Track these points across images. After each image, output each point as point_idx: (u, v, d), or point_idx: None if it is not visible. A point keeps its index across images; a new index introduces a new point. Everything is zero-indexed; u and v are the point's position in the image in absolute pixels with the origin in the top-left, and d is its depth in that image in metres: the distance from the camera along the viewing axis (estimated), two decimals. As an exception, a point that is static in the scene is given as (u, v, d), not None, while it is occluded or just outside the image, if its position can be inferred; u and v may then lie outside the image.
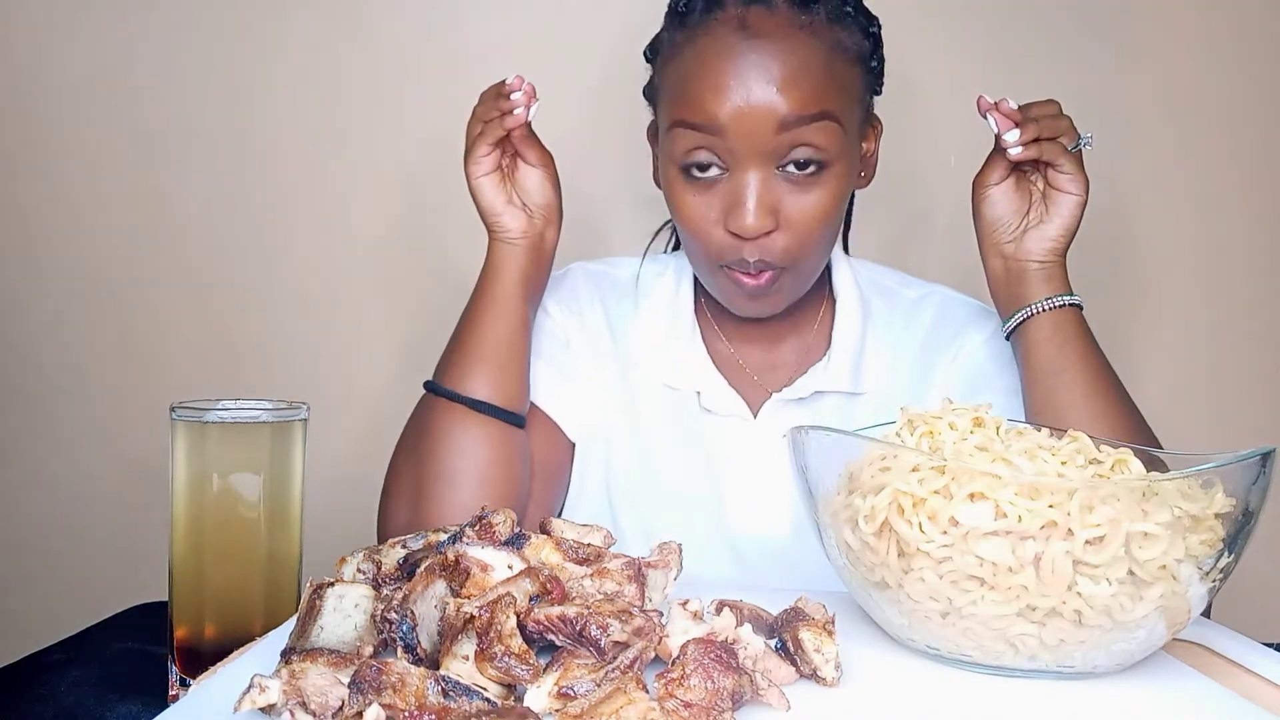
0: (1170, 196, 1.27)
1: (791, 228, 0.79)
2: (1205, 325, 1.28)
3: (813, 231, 0.80)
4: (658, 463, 0.90)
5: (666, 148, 0.82)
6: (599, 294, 0.94)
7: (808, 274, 0.84)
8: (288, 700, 0.44)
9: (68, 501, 1.28)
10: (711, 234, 0.80)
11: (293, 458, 0.67)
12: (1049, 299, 0.79)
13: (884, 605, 0.57)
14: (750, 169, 0.78)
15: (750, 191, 0.78)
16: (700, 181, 0.80)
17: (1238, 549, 0.54)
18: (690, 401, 0.90)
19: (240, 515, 0.64)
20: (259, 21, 1.26)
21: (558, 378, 0.90)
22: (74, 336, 1.27)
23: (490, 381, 0.82)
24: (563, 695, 0.44)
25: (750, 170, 0.78)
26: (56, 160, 1.27)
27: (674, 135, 0.81)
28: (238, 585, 0.65)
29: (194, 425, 0.64)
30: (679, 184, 0.82)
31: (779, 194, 0.79)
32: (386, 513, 0.85)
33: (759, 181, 0.78)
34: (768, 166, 0.78)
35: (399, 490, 0.84)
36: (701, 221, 0.81)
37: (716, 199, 0.80)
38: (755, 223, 0.77)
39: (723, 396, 0.89)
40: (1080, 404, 0.77)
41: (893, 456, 0.55)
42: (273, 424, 0.66)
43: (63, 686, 0.65)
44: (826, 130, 0.78)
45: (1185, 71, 1.26)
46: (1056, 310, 0.79)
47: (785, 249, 0.79)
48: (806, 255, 0.81)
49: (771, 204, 0.78)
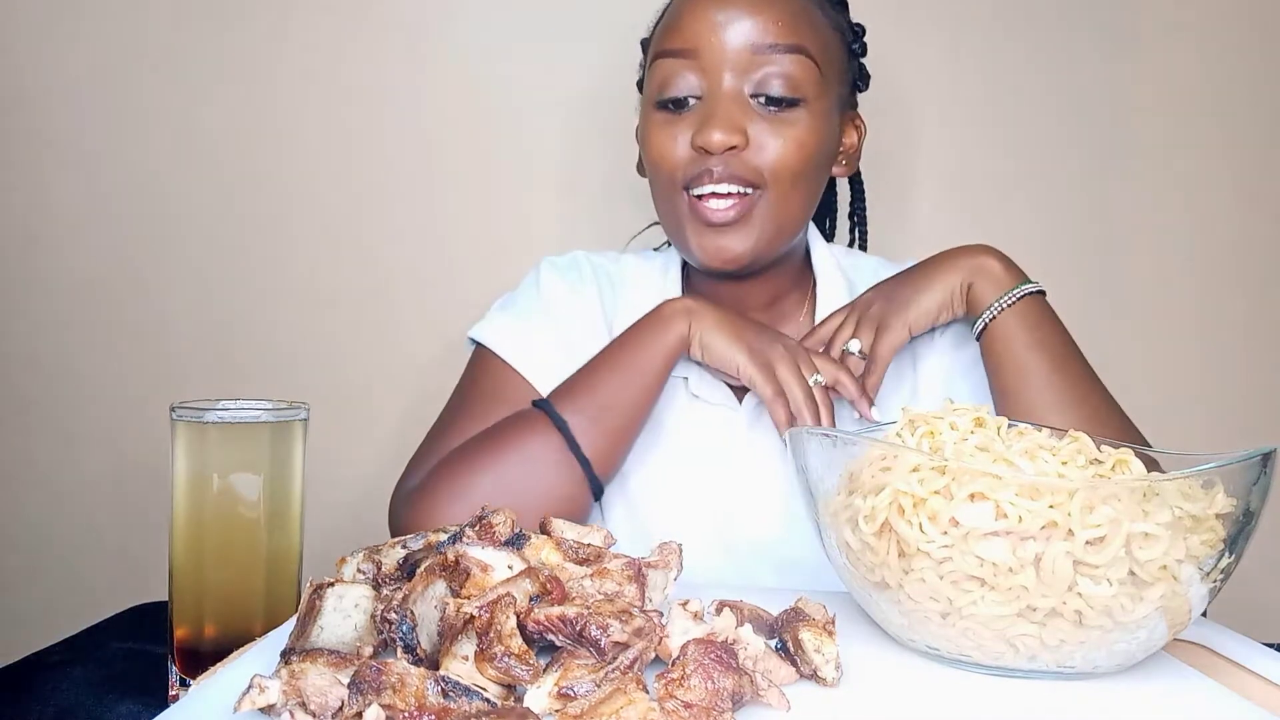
0: (1165, 196, 1.27)
1: (761, 152, 0.79)
2: (1200, 326, 1.28)
3: (785, 161, 0.80)
4: (642, 445, 0.88)
5: (648, 87, 0.84)
6: (596, 280, 0.94)
7: (781, 211, 0.82)
8: (287, 700, 0.44)
9: (68, 501, 1.28)
10: (680, 155, 0.81)
11: (293, 458, 0.67)
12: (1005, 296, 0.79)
13: (884, 605, 0.57)
14: (724, 87, 0.79)
15: (720, 105, 0.79)
16: (674, 114, 0.82)
17: (1238, 549, 0.54)
18: (678, 387, 0.89)
19: (240, 515, 0.64)
20: (261, 21, 1.26)
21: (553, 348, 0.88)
22: (74, 336, 1.27)
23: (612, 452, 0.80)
24: (563, 695, 0.44)
25: (723, 89, 0.79)
26: (57, 160, 1.27)
27: (655, 70, 0.83)
28: (238, 585, 0.65)
29: (194, 425, 0.64)
30: (654, 119, 0.83)
31: (750, 118, 0.80)
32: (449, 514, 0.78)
33: (731, 97, 0.79)
34: (740, 87, 0.80)
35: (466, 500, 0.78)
36: (671, 143, 0.81)
37: (687, 123, 0.81)
38: (721, 135, 0.78)
39: (708, 384, 0.88)
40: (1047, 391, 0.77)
41: (893, 457, 0.55)
42: (273, 424, 0.66)
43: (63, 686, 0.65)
44: (800, 64, 0.80)
45: (1180, 71, 1.26)
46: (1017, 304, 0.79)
47: (754, 168, 0.79)
48: (780, 181, 0.80)
49: (740, 123, 0.79)
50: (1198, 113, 1.26)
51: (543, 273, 0.93)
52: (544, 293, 0.92)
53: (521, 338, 0.88)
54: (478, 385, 0.88)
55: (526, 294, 0.93)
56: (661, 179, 0.83)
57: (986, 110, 1.27)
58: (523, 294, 0.93)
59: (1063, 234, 1.27)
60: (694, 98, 0.81)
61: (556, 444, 0.78)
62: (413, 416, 1.00)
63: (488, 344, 0.89)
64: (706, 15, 0.80)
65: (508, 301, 0.93)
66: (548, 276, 0.92)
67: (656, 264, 0.95)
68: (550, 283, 0.92)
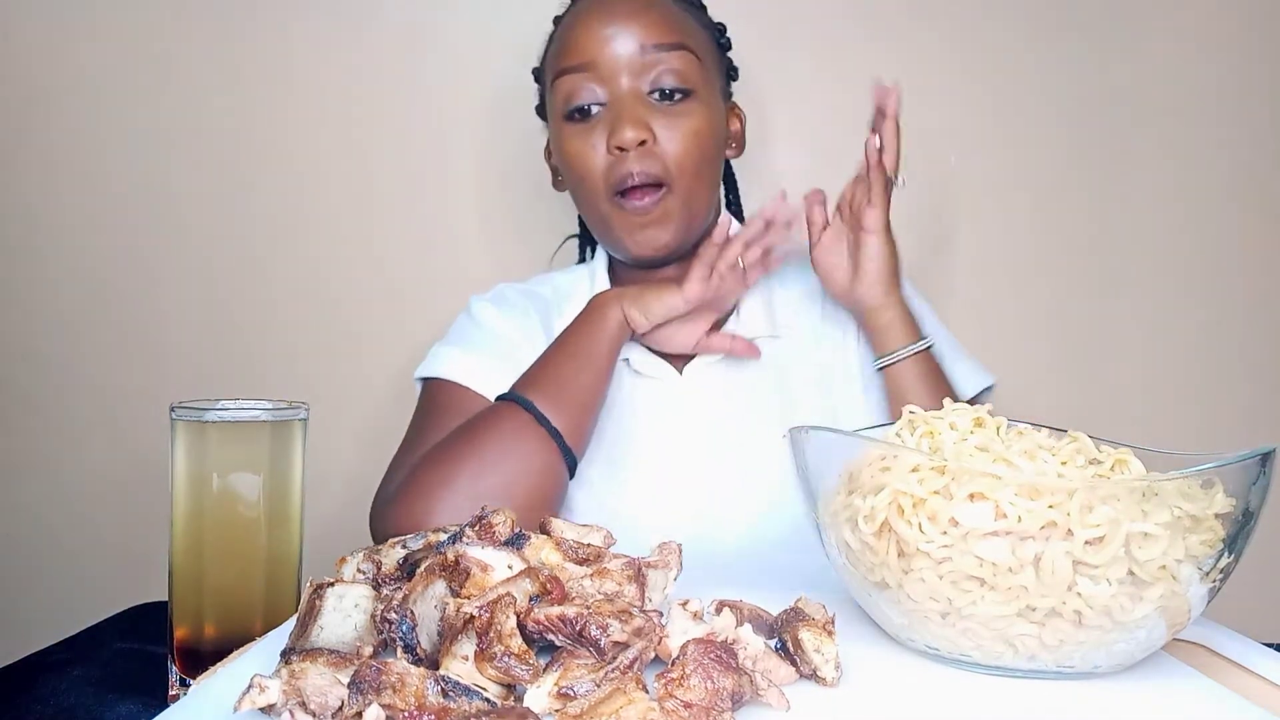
0: (1161, 195, 1.27)
1: (667, 145, 0.89)
2: (1200, 325, 1.28)
3: (688, 149, 0.90)
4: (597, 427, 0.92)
5: (552, 106, 0.94)
6: (530, 304, 1.02)
7: (689, 200, 0.92)
8: (287, 700, 0.44)
9: (68, 501, 1.28)
10: (599, 161, 0.90)
11: (293, 457, 0.67)
12: (906, 346, 0.88)
13: (884, 605, 0.57)
14: (623, 90, 0.90)
15: (625, 107, 0.89)
16: (583, 124, 0.91)
17: (1238, 549, 0.54)
18: (621, 370, 0.95)
19: (240, 515, 0.64)
20: (262, 21, 1.26)
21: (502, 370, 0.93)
22: (74, 335, 1.27)
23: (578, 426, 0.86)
24: (563, 695, 0.44)
25: (623, 91, 0.90)
26: (57, 159, 1.27)
27: (558, 88, 0.92)
28: (238, 585, 0.65)
29: (194, 425, 0.64)
30: (566, 132, 0.92)
31: (651, 112, 0.90)
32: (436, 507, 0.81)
33: (632, 99, 0.89)
34: (637, 86, 0.90)
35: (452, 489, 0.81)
36: (589, 152, 0.91)
37: (598, 132, 0.91)
38: (633, 133, 0.88)
39: (646, 360, 0.96)
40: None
41: (893, 457, 0.55)
42: (272, 424, 0.66)
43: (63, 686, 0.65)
44: (685, 59, 0.90)
45: (1176, 69, 1.26)
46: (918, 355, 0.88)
47: (664, 164, 0.89)
48: (684, 172, 0.90)
49: (644, 119, 0.89)
50: (1198, 112, 1.27)
51: (474, 307, 1.01)
52: (481, 322, 0.99)
53: (469, 361, 0.95)
54: (435, 404, 0.94)
55: (463, 328, 1.00)
56: (585, 187, 0.92)
57: (986, 110, 1.27)
58: (459, 328, 1.00)
59: (1062, 234, 1.27)
60: (597, 104, 0.91)
61: (526, 420, 0.83)
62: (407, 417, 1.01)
63: (438, 375, 0.95)
64: (598, 30, 0.90)
65: (445, 340, 0.99)
66: (479, 308, 1.00)
67: (584, 272, 1.05)
68: (484, 313, 0.99)
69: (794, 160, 1.28)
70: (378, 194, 1.28)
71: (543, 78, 0.99)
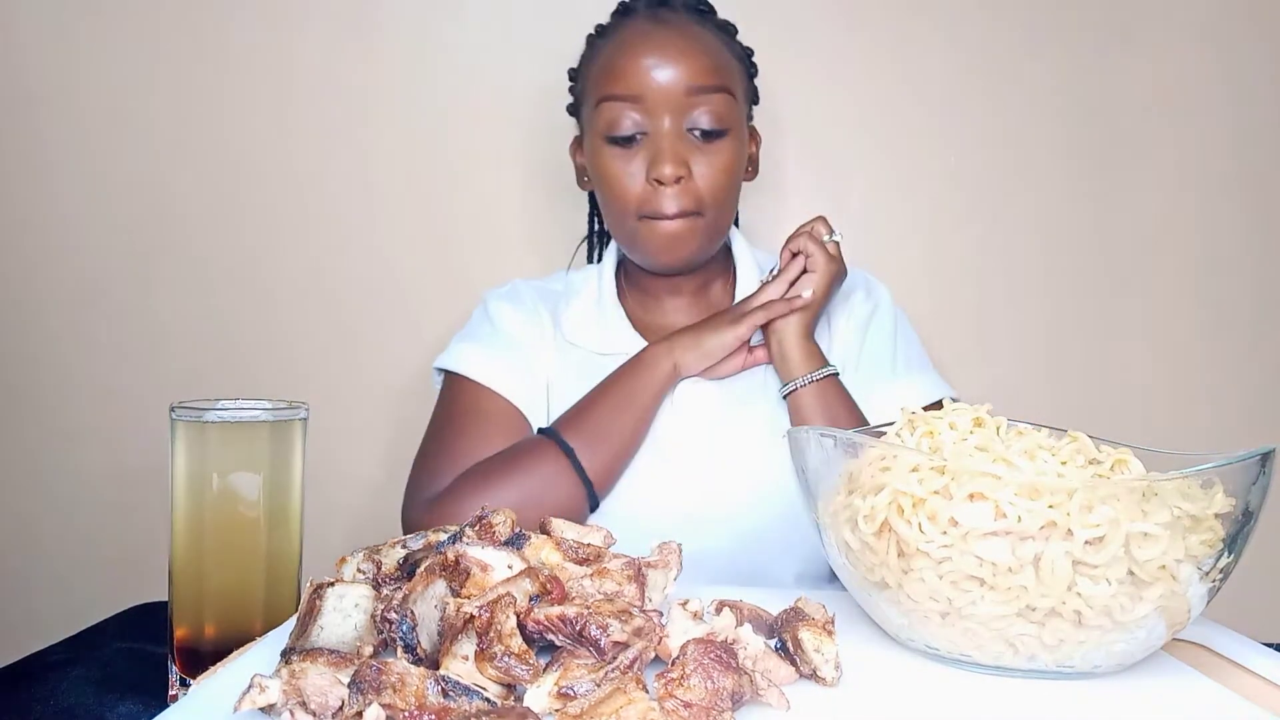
0: (1162, 195, 1.27)
1: (701, 180, 0.94)
2: (1200, 325, 1.28)
3: (719, 184, 0.95)
4: None
5: (594, 125, 0.97)
6: (541, 300, 1.05)
7: (715, 225, 0.97)
8: (288, 700, 0.44)
9: (67, 501, 1.28)
10: (635, 189, 0.95)
11: (292, 457, 0.67)
12: (810, 374, 0.92)
13: (884, 605, 0.57)
14: (666, 127, 0.94)
15: (667, 144, 0.94)
16: (624, 149, 0.95)
17: (1238, 549, 0.54)
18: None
19: (240, 514, 0.64)
20: (263, 21, 1.26)
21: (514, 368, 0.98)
22: (74, 336, 1.27)
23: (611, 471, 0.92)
24: (563, 695, 0.44)
25: (666, 128, 0.94)
26: (56, 160, 1.27)
27: (601, 111, 0.96)
28: (238, 585, 0.65)
29: (194, 425, 0.64)
30: (605, 154, 0.96)
31: (689, 151, 0.94)
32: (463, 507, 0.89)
33: (673, 137, 0.94)
34: (679, 123, 0.94)
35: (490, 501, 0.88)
36: (627, 179, 0.95)
37: (638, 160, 0.95)
38: (672, 169, 0.93)
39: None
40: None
41: (892, 457, 0.55)
42: (272, 423, 0.66)
43: (63, 686, 0.65)
44: (725, 102, 0.95)
45: (1176, 69, 1.26)
46: (820, 381, 0.92)
47: (697, 196, 0.94)
48: (715, 204, 0.96)
49: (684, 156, 0.94)
50: (1199, 111, 1.27)
51: (490, 304, 1.04)
52: (496, 320, 1.03)
53: (486, 360, 0.99)
54: (458, 403, 0.99)
55: (481, 325, 1.04)
56: (617, 207, 0.97)
57: (986, 110, 1.27)
58: (477, 325, 1.04)
59: (1063, 234, 1.27)
60: (640, 134, 0.95)
61: (565, 466, 0.90)
62: (412, 417, 1.01)
63: (458, 370, 0.99)
64: (646, 64, 0.94)
65: (465, 334, 1.04)
66: (495, 306, 1.04)
67: (593, 271, 1.08)
68: (499, 311, 1.03)
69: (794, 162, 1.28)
70: (378, 194, 1.28)
71: (581, 86, 1.02)
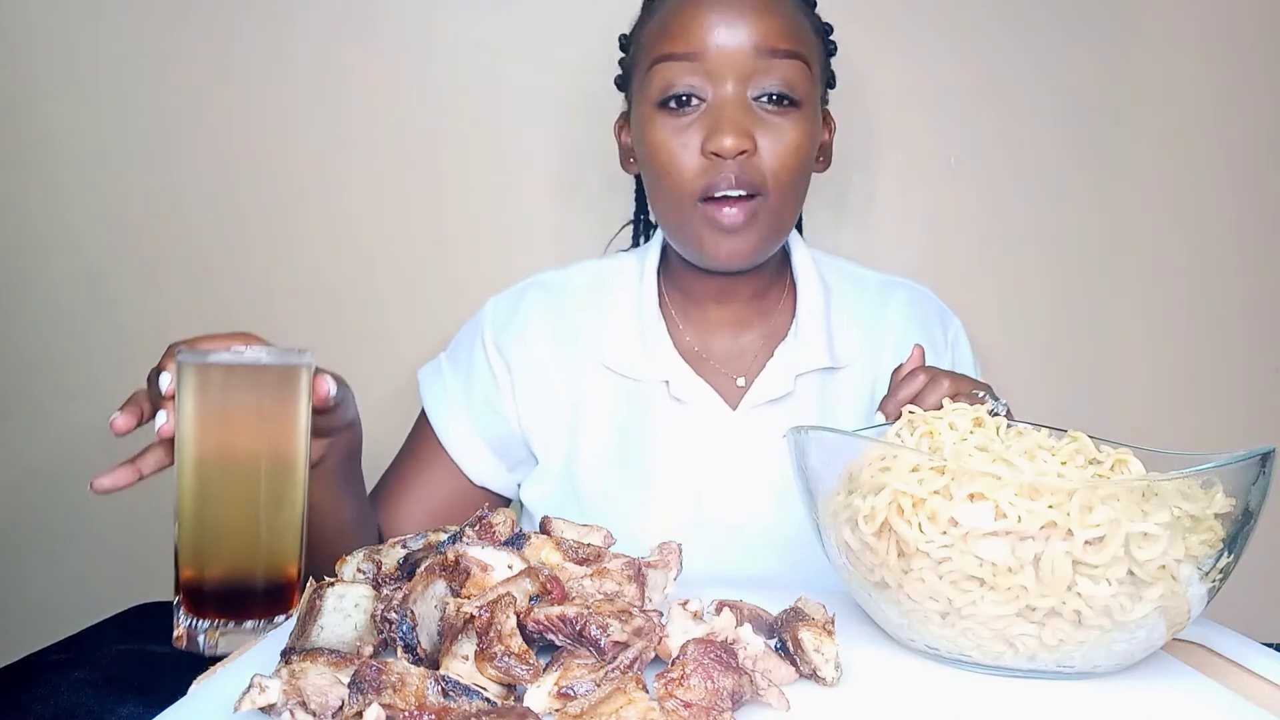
0: (1162, 195, 1.27)
1: (767, 156, 0.81)
2: (1200, 325, 1.28)
3: (787, 161, 0.82)
4: (629, 455, 0.89)
5: (644, 91, 0.84)
6: (552, 307, 0.94)
7: (778, 214, 0.84)
8: (288, 700, 0.44)
9: (67, 501, 1.28)
10: (690, 163, 0.81)
11: (298, 402, 0.66)
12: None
13: (884, 605, 0.57)
14: (729, 92, 0.81)
15: (728, 112, 0.80)
16: (679, 116, 0.82)
17: (1238, 549, 0.54)
18: (658, 391, 0.89)
19: (241, 455, 0.64)
20: (264, 19, 1.26)
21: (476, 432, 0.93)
22: (74, 336, 1.27)
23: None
24: (563, 695, 0.44)
25: (729, 93, 0.81)
26: (57, 159, 1.27)
27: (654, 74, 0.83)
28: (241, 525, 0.64)
29: (199, 367, 0.64)
30: (656, 123, 0.83)
31: (755, 121, 0.81)
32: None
33: (737, 103, 0.81)
34: (744, 91, 0.81)
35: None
36: (680, 150, 0.82)
37: (695, 129, 0.82)
38: (733, 141, 0.79)
39: (691, 385, 0.89)
40: None
41: (892, 457, 0.55)
42: (277, 367, 0.66)
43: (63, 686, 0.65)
44: (797, 69, 0.82)
45: (1176, 69, 1.26)
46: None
47: (761, 175, 0.81)
48: (781, 186, 0.82)
49: (748, 127, 0.80)
50: (1198, 112, 1.26)
51: (485, 333, 0.94)
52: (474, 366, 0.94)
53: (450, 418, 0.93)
54: (415, 453, 0.95)
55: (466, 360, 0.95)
56: (668, 183, 0.83)
57: (986, 110, 1.27)
58: (465, 355, 0.95)
59: (1062, 234, 1.27)
60: (697, 98, 0.82)
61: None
62: (411, 417, 1.01)
63: (427, 410, 0.95)
64: (710, 20, 0.81)
65: (453, 352, 0.97)
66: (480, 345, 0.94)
67: (631, 263, 0.96)
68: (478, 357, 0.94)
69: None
70: (378, 194, 1.27)
71: (634, 53, 0.89)
